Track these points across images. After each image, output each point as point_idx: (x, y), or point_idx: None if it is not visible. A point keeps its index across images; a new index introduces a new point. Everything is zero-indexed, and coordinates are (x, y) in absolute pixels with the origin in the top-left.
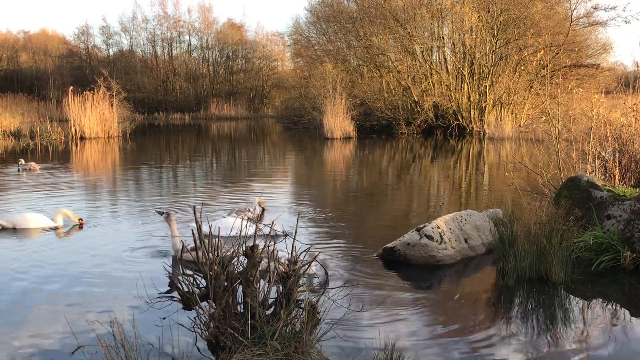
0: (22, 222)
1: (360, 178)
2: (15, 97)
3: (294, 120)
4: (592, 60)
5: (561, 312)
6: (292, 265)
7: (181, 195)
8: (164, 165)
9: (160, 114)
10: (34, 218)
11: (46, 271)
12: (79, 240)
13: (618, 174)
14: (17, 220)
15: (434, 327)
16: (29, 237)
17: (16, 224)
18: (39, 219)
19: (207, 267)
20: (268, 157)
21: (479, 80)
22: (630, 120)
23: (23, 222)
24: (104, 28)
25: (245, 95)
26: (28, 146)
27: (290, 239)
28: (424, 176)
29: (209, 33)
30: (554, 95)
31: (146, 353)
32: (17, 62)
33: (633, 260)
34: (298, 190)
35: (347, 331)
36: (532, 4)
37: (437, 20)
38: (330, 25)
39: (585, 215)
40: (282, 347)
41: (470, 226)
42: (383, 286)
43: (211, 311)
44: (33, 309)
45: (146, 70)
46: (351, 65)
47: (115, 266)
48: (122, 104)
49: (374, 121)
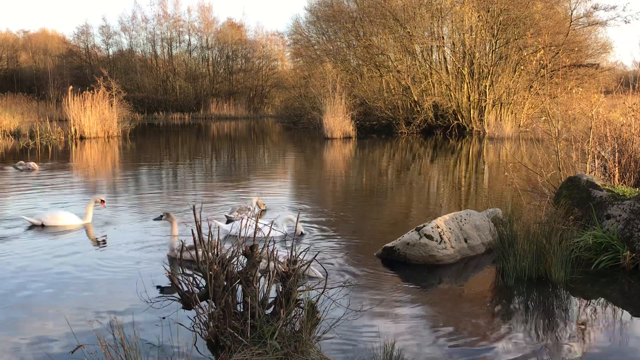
0: (52, 220)
1: (360, 178)
2: (15, 97)
3: (293, 120)
4: (591, 60)
5: (561, 311)
6: (291, 265)
7: (181, 195)
8: (164, 165)
9: (159, 113)
10: (64, 216)
11: (45, 271)
12: (78, 239)
13: (618, 174)
14: (48, 219)
15: (433, 326)
16: (28, 237)
17: (46, 222)
18: (68, 217)
19: (206, 267)
20: (268, 157)
21: (478, 80)
22: (630, 120)
23: (53, 220)
24: (103, 28)
25: (245, 95)
26: (28, 146)
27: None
28: (424, 176)
29: (209, 33)
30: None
31: (146, 352)
32: (16, 62)
33: (632, 260)
34: (298, 190)
35: (346, 331)
36: (532, 3)
37: (437, 20)
38: (330, 25)
39: (584, 215)
40: (282, 347)
41: (469, 226)
42: (382, 286)
43: (211, 311)
44: (33, 308)
45: (146, 70)
46: (351, 65)
47: (114, 266)
48: (122, 103)
49: (374, 121)
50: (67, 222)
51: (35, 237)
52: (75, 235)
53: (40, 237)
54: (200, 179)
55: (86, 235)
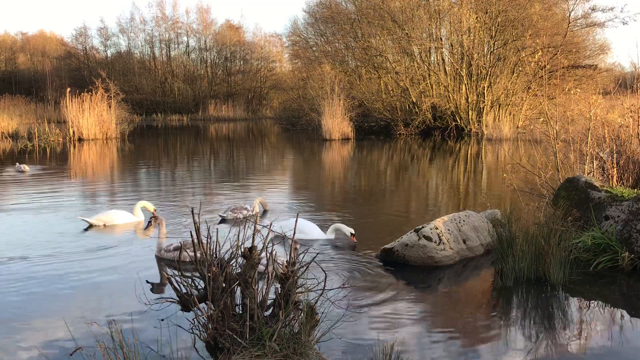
0: (111, 219)
1: (359, 179)
2: (13, 99)
3: (292, 121)
4: (589, 61)
5: (559, 312)
6: (290, 267)
7: (179, 197)
8: (162, 167)
9: (158, 115)
10: (120, 215)
11: (44, 272)
12: (76, 241)
13: (616, 175)
14: (107, 218)
15: (432, 328)
16: (28, 238)
17: (107, 222)
18: (124, 215)
19: (205, 269)
20: (266, 158)
21: (477, 81)
22: (628, 121)
23: (111, 219)
24: (101, 29)
25: (244, 97)
26: (26, 148)
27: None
28: (422, 177)
29: (207, 34)
30: (552, 96)
31: (144, 355)
32: (15, 64)
33: (631, 261)
34: (296, 191)
35: (345, 332)
36: (530, 5)
37: (435, 21)
38: (328, 27)
39: (583, 216)
40: (281, 349)
41: (468, 227)
42: (381, 287)
43: (209, 312)
44: (32, 310)
45: (144, 71)
46: (349, 67)
47: (113, 267)
48: (120, 105)
49: (372, 122)
50: (125, 220)
51: (33, 240)
52: (73, 236)
53: (38, 240)
54: (199, 180)
55: (83, 236)
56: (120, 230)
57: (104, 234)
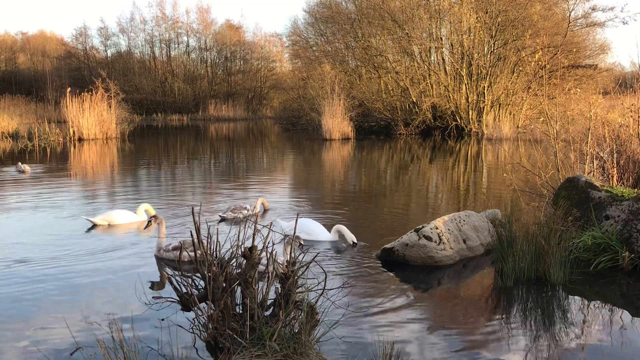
0: (115, 219)
1: (359, 179)
2: (14, 99)
3: (292, 121)
4: (590, 60)
5: (560, 312)
6: (290, 266)
7: (179, 197)
8: (162, 167)
9: (158, 115)
10: (124, 215)
11: (44, 272)
12: (76, 241)
13: (616, 175)
14: (111, 218)
15: (432, 327)
16: (28, 238)
17: (110, 221)
18: (127, 215)
19: (205, 268)
20: (266, 158)
21: (477, 81)
22: (628, 120)
23: (115, 219)
24: (102, 29)
25: (244, 97)
26: (26, 148)
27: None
28: (423, 177)
29: (207, 34)
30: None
31: (145, 354)
32: (15, 64)
33: (631, 260)
34: (297, 191)
35: (345, 332)
36: (530, 4)
37: (435, 21)
38: (328, 27)
39: (583, 215)
40: (281, 348)
41: (468, 227)
42: (382, 287)
43: (210, 312)
44: (32, 310)
45: (144, 71)
46: (349, 66)
47: (113, 267)
48: (120, 105)
49: (373, 122)
50: (128, 220)
51: (33, 239)
52: (73, 236)
53: (38, 240)
54: (199, 180)
55: (84, 236)
56: (121, 230)
57: (104, 234)
